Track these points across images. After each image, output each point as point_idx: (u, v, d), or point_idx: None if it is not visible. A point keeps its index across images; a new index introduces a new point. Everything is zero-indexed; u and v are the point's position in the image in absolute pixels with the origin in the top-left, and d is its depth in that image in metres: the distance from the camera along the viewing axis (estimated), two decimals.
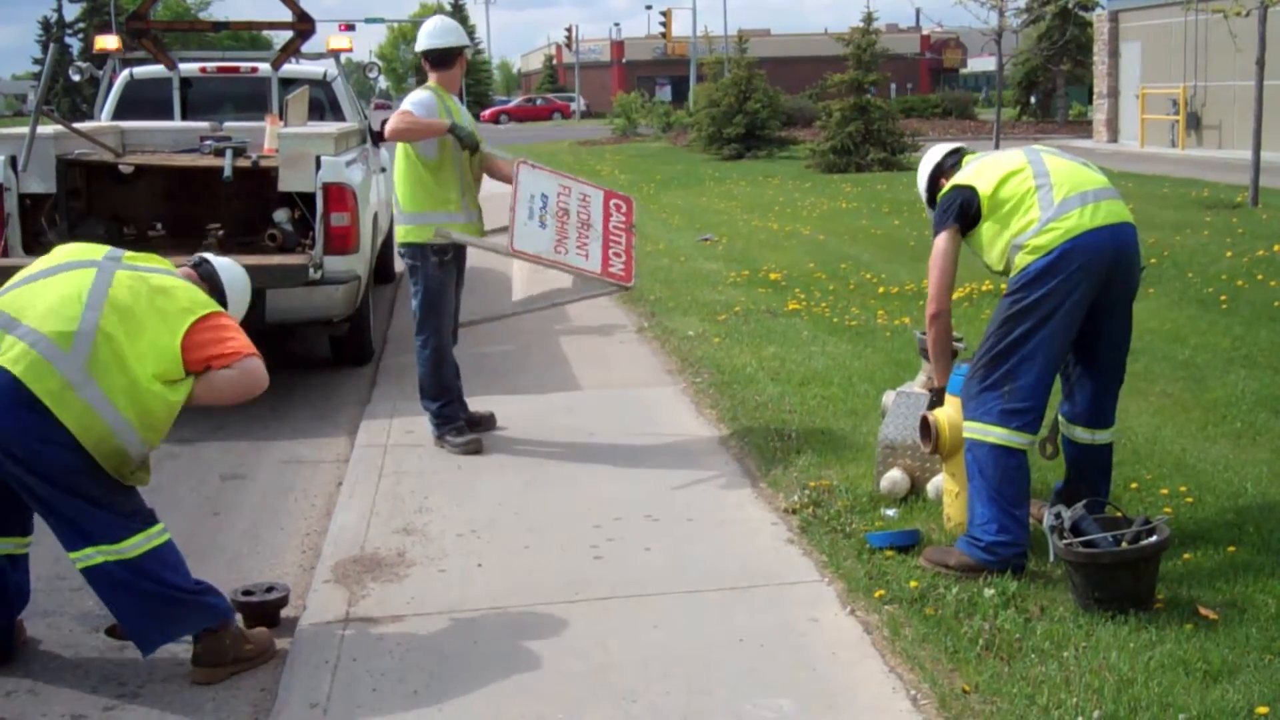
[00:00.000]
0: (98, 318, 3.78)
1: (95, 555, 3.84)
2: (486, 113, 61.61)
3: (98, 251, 4.05)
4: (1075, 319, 4.39)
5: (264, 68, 9.99)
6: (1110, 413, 4.73)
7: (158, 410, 3.83)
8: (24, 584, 4.22)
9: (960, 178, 4.61)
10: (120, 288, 3.88)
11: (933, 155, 4.97)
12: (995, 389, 4.39)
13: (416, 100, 6.14)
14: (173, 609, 3.94)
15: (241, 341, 4.03)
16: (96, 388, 3.72)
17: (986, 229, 4.51)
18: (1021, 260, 4.40)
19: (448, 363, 6.41)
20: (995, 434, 4.37)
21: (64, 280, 3.89)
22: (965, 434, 4.47)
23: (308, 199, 7.35)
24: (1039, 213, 4.39)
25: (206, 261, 4.37)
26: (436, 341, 6.33)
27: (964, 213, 4.55)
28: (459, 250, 6.34)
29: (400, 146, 6.17)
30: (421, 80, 6.73)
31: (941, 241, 4.59)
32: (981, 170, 4.58)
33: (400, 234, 6.29)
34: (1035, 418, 4.40)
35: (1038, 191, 4.43)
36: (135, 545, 3.87)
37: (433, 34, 6.33)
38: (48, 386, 3.69)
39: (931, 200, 4.86)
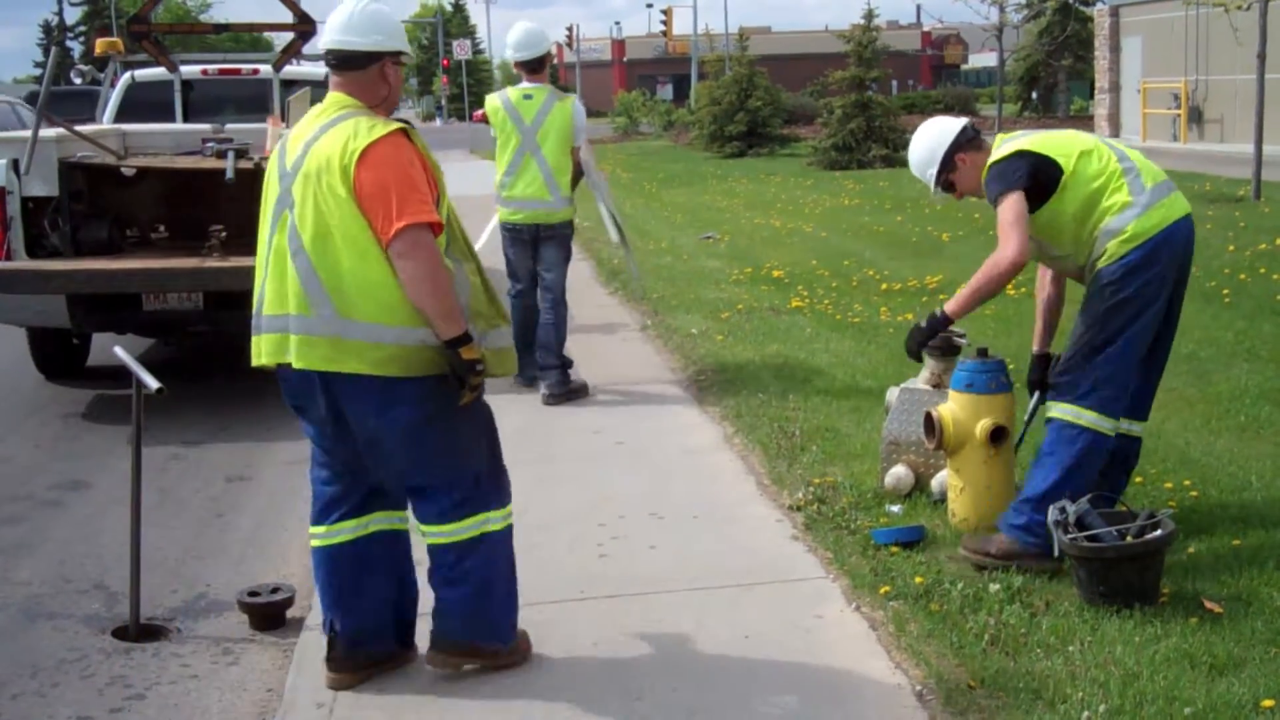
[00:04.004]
0: (307, 258, 3.51)
1: (480, 524, 3.73)
2: (478, 113, 61.51)
3: (275, 185, 3.64)
4: (1164, 309, 4.39)
5: (265, 69, 9.98)
6: (1151, 405, 4.76)
7: (395, 290, 3.48)
8: (410, 573, 3.94)
9: (1024, 145, 4.37)
10: (301, 204, 3.53)
11: (945, 127, 4.62)
12: (1090, 376, 4.35)
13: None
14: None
15: (417, 201, 3.47)
16: (355, 321, 3.49)
17: (1068, 208, 4.32)
18: (1117, 249, 4.29)
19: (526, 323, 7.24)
20: (1087, 417, 4.35)
21: (280, 243, 3.58)
22: (1053, 414, 4.41)
23: None
24: (1131, 197, 4.28)
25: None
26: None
27: (1035, 180, 4.29)
28: (530, 229, 7.25)
29: None
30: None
31: (1017, 200, 4.26)
32: (1049, 143, 4.36)
33: None
34: (1122, 406, 4.43)
35: (1125, 175, 4.31)
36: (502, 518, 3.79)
37: (525, 45, 7.21)
38: (322, 354, 3.50)
39: (941, 175, 4.58)
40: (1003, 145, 4.50)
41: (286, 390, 3.70)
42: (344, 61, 3.64)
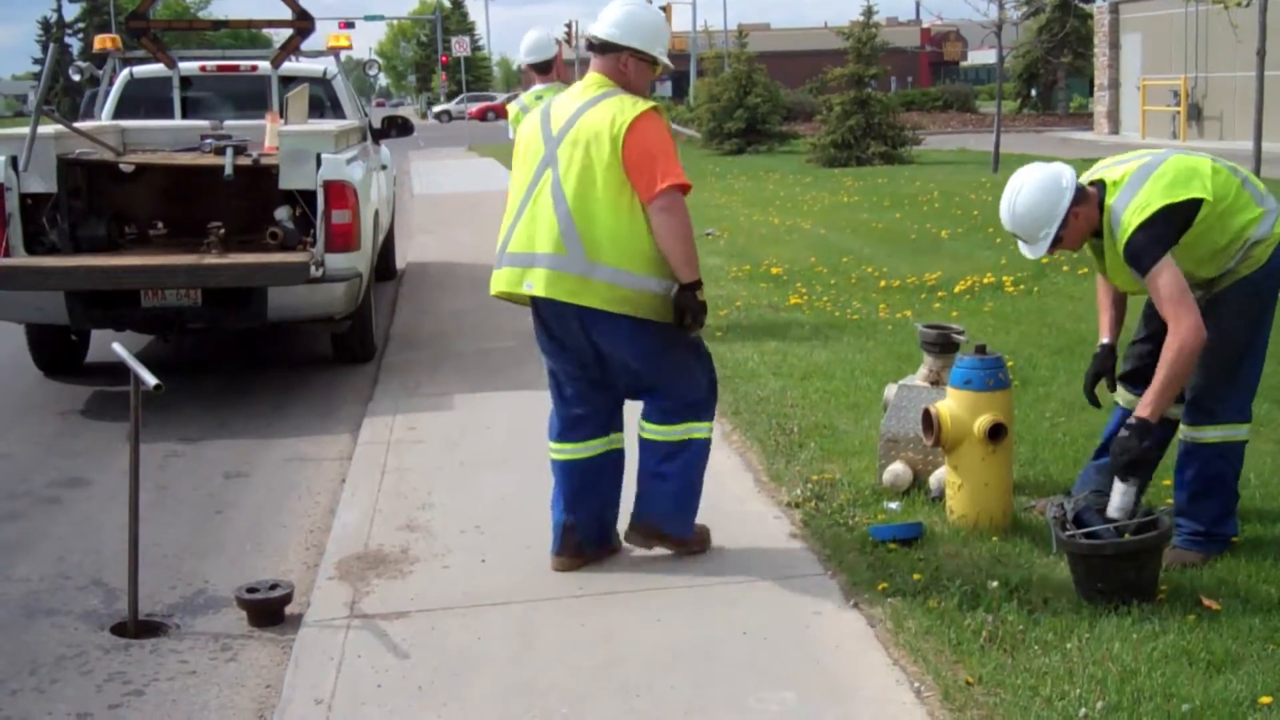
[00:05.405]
0: (567, 208, 4.18)
1: (695, 430, 4.49)
2: (474, 109, 61.22)
3: (540, 148, 4.31)
4: None
5: (264, 66, 9.98)
6: None
7: (647, 240, 4.19)
8: (620, 486, 4.67)
9: (1174, 195, 4.12)
10: (567, 165, 4.20)
11: (1057, 180, 4.22)
12: (1244, 386, 4.40)
13: None
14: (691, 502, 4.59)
15: (675, 166, 4.19)
16: (601, 265, 4.14)
17: (1204, 235, 4.19)
18: (1261, 253, 4.25)
19: None
20: (1244, 431, 4.42)
21: (541, 195, 4.25)
22: (1214, 439, 4.37)
23: (309, 196, 7.35)
24: (1259, 205, 4.27)
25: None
26: None
27: (1179, 231, 4.14)
28: None
29: None
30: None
31: (1173, 271, 4.06)
32: (1179, 178, 4.16)
33: None
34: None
35: (1243, 183, 4.28)
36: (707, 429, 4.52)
37: (534, 50, 7.68)
38: (568, 288, 4.17)
39: (1058, 233, 4.22)
40: (1155, 187, 4.16)
41: (540, 323, 4.40)
42: (594, 45, 4.38)
